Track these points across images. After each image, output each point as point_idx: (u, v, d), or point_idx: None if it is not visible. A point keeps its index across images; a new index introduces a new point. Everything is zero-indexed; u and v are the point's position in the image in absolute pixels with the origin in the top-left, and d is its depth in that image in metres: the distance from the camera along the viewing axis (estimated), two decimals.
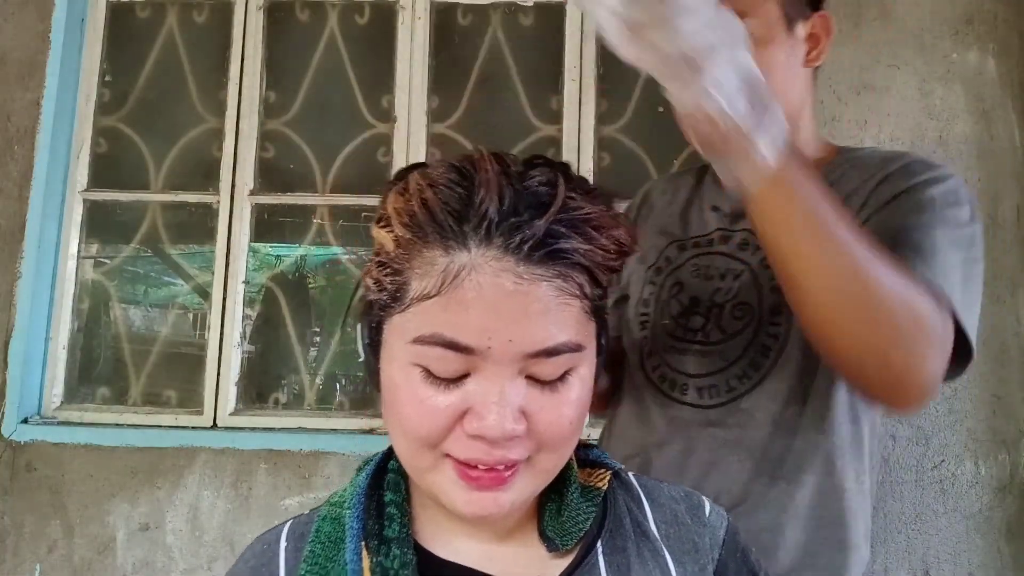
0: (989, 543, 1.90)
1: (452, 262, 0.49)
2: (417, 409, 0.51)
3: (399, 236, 0.51)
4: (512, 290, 0.49)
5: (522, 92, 2.21)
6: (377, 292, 0.53)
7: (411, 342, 0.50)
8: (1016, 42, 2.06)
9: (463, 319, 0.49)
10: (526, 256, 0.49)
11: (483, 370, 0.50)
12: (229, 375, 2.09)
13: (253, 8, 2.23)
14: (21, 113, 2.10)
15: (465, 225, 0.49)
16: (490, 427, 0.49)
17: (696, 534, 0.63)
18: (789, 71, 0.93)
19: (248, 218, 2.17)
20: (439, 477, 0.53)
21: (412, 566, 0.54)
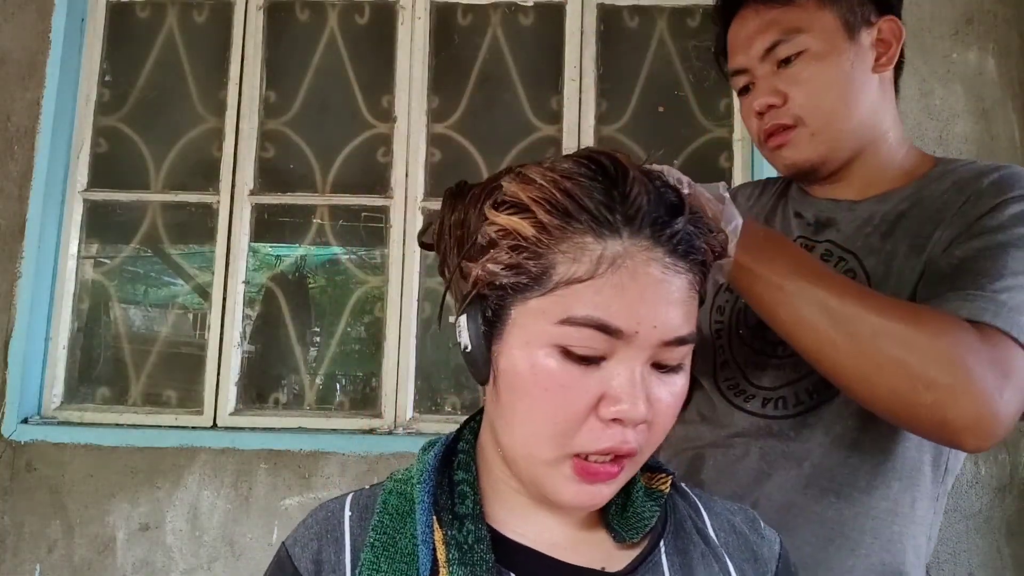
0: (989, 543, 1.90)
1: (606, 248, 0.52)
2: (556, 393, 0.53)
3: (544, 222, 0.53)
4: (660, 279, 0.52)
5: (522, 92, 2.21)
6: (511, 276, 0.54)
7: (558, 323, 0.52)
8: (1016, 42, 2.06)
9: (617, 302, 0.51)
10: (672, 249, 0.53)
11: (620, 354, 0.52)
12: (229, 375, 2.09)
13: (253, 8, 2.23)
14: (21, 113, 2.10)
15: (617, 214, 0.53)
16: (627, 410, 0.51)
17: (755, 544, 0.65)
18: (856, 80, 0.92)
19: (248, 218, 2.17)
20: (553, 472, 0.54)
21: (486, 541, 0.56)
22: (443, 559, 0.55)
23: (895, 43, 0.96)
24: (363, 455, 1.96)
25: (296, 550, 0.59)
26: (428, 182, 2.17)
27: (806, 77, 0.91)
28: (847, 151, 0.94)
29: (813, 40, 0.91)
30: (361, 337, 2.23)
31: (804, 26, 0.91)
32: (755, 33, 0.94)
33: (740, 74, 0.97)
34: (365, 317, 2.21)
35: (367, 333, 2.22)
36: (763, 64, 0.93)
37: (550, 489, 0.55)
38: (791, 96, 0.91)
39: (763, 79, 0.94)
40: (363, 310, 2.20)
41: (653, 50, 2.23)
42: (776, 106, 0.93)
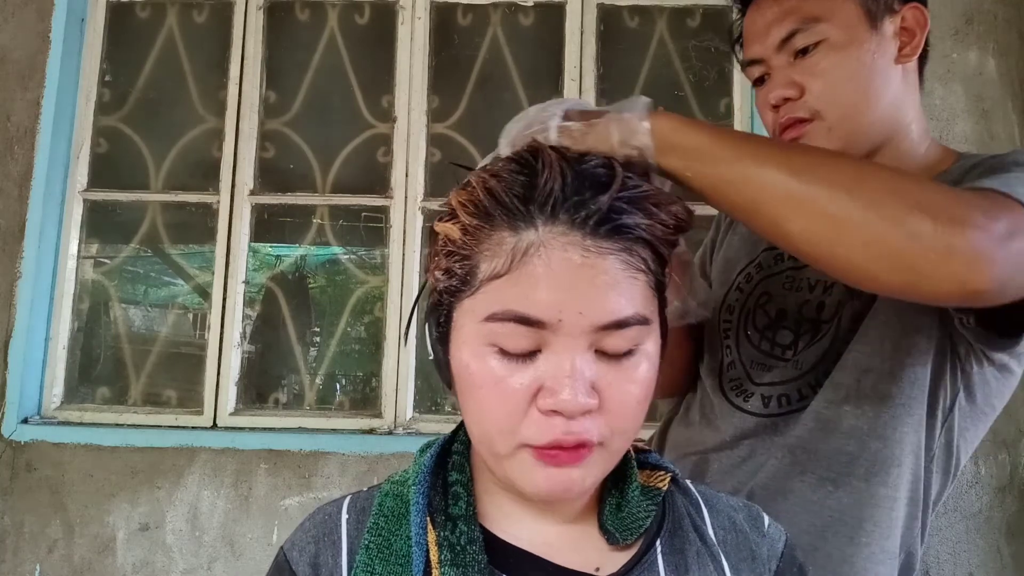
0: (989, 543, 1.90)
1: (520, 240, 0.51)
2: (492, 390, 0.52)
3: (466, 224, 0.54)
4: (580, 263, 0.51)
5: (522, 92, 2.21)
6: (447, 280, 0.55)
7: (483, 320, 0.52)
8: (1016, 42, 2.06)
9: (533, 293, 0.50)
10: (592, 231, 0.51)
11: (554, 345, 0.51)
12: (229, 375, 2.09)
13: (253, 8, 2.23)
14: (21, 113, 2.10)
15: (531, 205, 0.52)
16: (565, 401, 0.50)
17: (754, 543, 0.63)
18: (876, 71, 0.88)
19: (248, 218, 2.17)
20: (515, 463, 0.54)
21: (479, 543, 0.55)
22: (435, 560, 0.55)
23: (920, 32, 0.89)
24: (363, 455, 1.96)
25: (294, 554, 0.59)
26: (428, 182, 2.17)
27: (824, 68, 0.87)
28: (866, 146, 0.89)
29: (833, 29, 0.87)
30: (361, 337, 2.23)
31: (823, 15, 0.87)
32: (772, 22, 0.90)
33: (755, 64, 0.94)
34: (365, 317, 2.21)
35: (367, 333, 2.22)
36: (779, 54, 0.90)
37: (520, 482, 0.54)
38: (808, 88, 0.88)
39: (779, 70, 0.90)
40: (363, 310, 2.20)
41: (653, 50, 2.23)
42: (792, 99, 0.89)
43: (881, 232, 0.60)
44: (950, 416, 0.86)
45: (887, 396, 0.83)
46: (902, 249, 0.60)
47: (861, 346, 0.84)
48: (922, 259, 0.60)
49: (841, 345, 0.87)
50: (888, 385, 0.83)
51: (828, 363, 0.87)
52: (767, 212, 0.64)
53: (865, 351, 0.84)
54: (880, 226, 0.60)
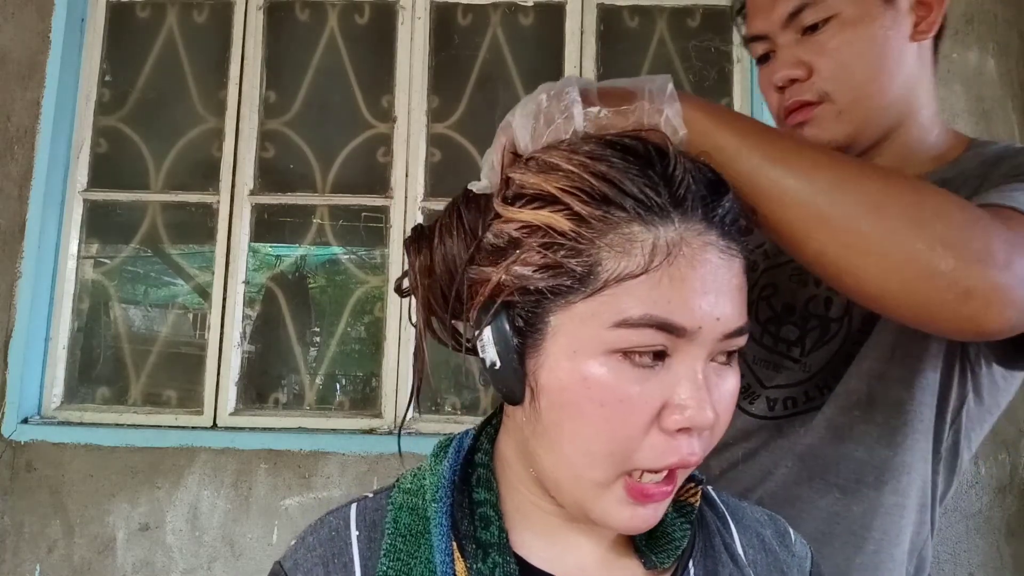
0: (989, 543, 1.90)
1: (658, 237, 0.46)
2: (616, 408, 0.46)
3: (581, 212, 0.46)
4: (718, 264, 0.47)
5: (522, 92, 2.21)
6: (549, 278, 0.47)
7: (612, 326, 0.45)
8: (1016, 42, 2.06)
9: (677, 297, 0.45)
10: (726, 231, 0.47)
11: (681, 355, 0.46)
12: (229, 375, 2.09)
13: (253, 8, 2.23)
14: (21, 113, 2.10)
15: (664, 197, 0.46)
16: (695, 417, 0.46)
17: (784, 563, 0.60)
18: (891, 49, 0.82)
19: (248, 218, 2.17)
20: (605, 494, 0.48)
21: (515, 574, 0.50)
22: None
23: (937, 6, 0.85)
24: (363, 455, 1.96)
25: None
26: (428, 182, 2.17)
27: (835, 46, 0.80)
28: (876, 131, 0.83)
29: (844, 4, 0.80)
30: (361, 337, 2.23)
31: None
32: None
33: (759, 40, 0.87)
34: (365, 317, 2.21)
35: (367, 333, 2.22)
36: (786, 31, 0.83)
37: (599, 514, 0.49)
38: (817, 68, 0.81)
39: (785, 47, 0.84)
40: (363, 310, 2.20)
41: (653, 50, 2.23)
42: (800, 80, 0.82)
43: (899, 264, 0.57)
44: (958, 418, 0.83)
45: (899, 402, 0.80)
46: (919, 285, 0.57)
47: (873, 351, 0.81)
48: (939, 298, 0.57)
49: (852, 347, 0.83)
50: (900, 391, 0.80)
51: (837, 365, 0.83)
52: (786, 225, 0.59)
53: (878, 356, 0.80)
54: (899, 258, 0.56)
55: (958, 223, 0.57)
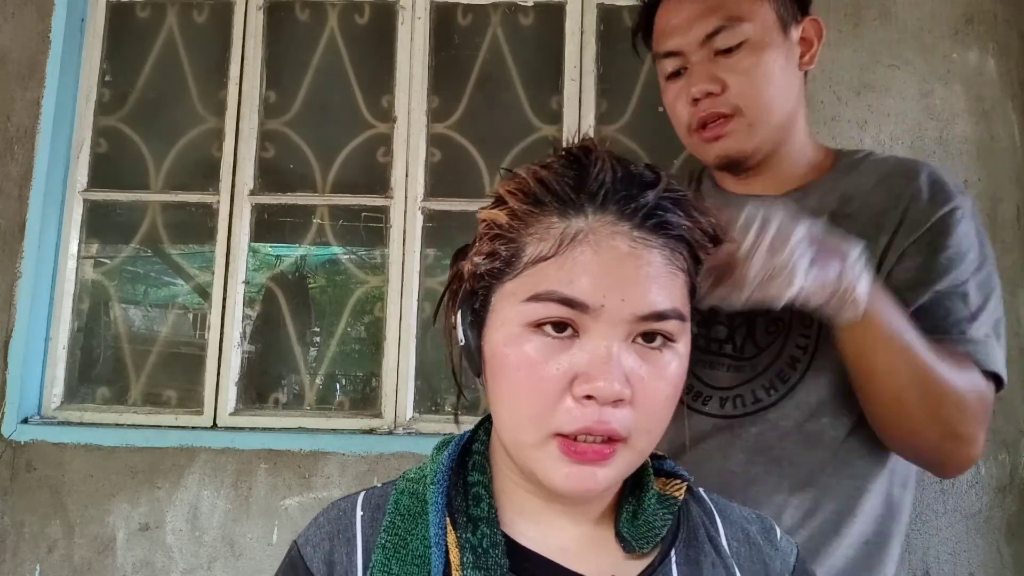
0: (989, 543, 1.90)
1: (569, 226, 0.53)
2: (528, 373, 0.53)
3: (515, 209, 0.55)
4: (627, 252, 0.52)
5: (522, 92, 2.21)
6: (488, 263, 0.56)
7: (524, 301, 0.53)
8: (1016, 42, 2.06)
9: (579, 276, 0.52)
10: (639, 223, 0.53)
11: (592, 332, 0.52)
12: (229, 375, 2.09)
13: (253, 8, 2.23)
14: (21, 113, 2.10)
15: (582, 193, 0.54)
16: (600, 387, 0.51)
17: (768, 556, 0.63)
18: (787, 74, 0.95)
19: (248, 218, 2.17)
20: (541, 454, 0.54)
21: (501, 546, 0.55)
22: (456, 562, 0.54)
23: (817, 42, 0.98)
24: (363, 455, 1.96)
25: (308, 550, 0.59)
26: (428, 182, 2.17)
27: (745, 67, 0.92)
28: (773, 143, 0.96)
29: (754, 31, 0.92)
30: (361, 337, 2.23)
31: (746, 16, 0.93)
32: (696, 17, 0.94)
33: (672, 57, 0.96)
34: (365, 317, 2.21)
35: (367, 333, 2.22)
36: (700, 50, 0.93)
37: (542, 474, 0.54)
38: (730, 85, 0.92)
39: (699, 65, 0.94)
40: (363, 310, 2.20)
41: None
42: (715, 94, 0.93)
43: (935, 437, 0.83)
44: None
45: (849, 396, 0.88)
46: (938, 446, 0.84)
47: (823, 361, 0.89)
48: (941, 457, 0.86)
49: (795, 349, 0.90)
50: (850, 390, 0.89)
51: (782, 365, 0.91)
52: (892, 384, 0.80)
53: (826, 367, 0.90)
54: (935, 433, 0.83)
55: (966, 419, 0.83)
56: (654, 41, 1.00)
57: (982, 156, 2.02)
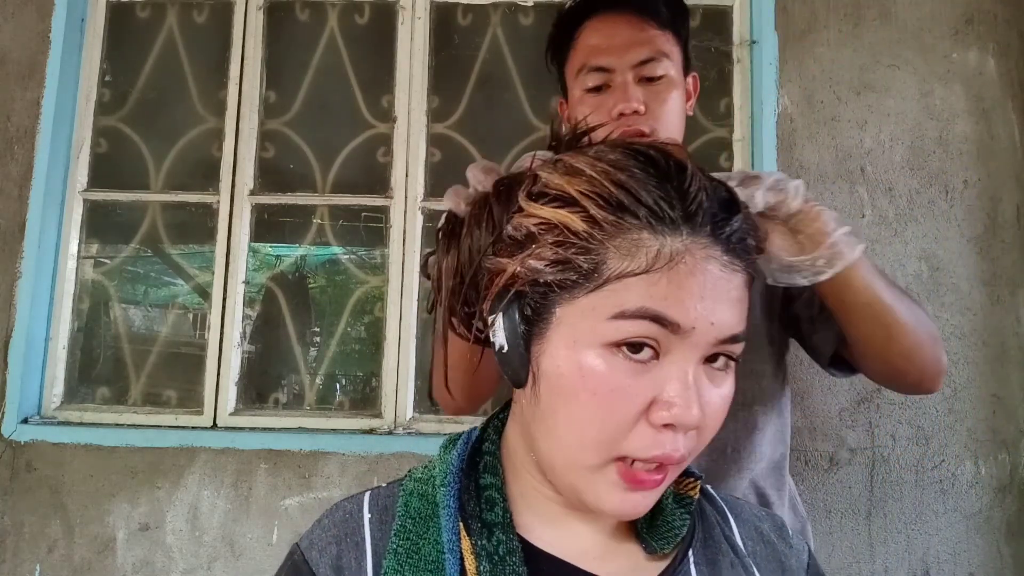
0: (989, 543, 1.90)
1: (664, 245, 0.49)
2: (607, 396, 0.49)
3: (596, 216, 0.50)
4: (719, 275, 0.50)
5: (522, 92, 2.21)
6: (559, 273, 0.51)
7: (610, 318, 0.49)
8: (1016, 42, 2.06)
9: (673, 296, 0.49)
10: (728, 248, 0.51)
11: (673, 355, 0.50)
12: (229, 375, 2.09)
13: (253, 8, 2.23)
14: (21, 113, 2.10)
15: (677, 211, 0.50)
16: (680, 415, 0.49)
17: (783, 554, 0.63)
18: (683, 113, 1.11)
19: (248, 218, 2.17)
20: (597, 477, 0.51)
21: (518, 553, 0.52)
22: (472, 570, 0.52)
23: (694, 95, 1.17)
24: (363, 455, 1.96)
25: (313, 554, 0.55)
26: (428, 182, 2.17)
27: (664, 97, 1.06)
28: None
29: (672, 68, 1.07)
30: (361, 337, 2.23)
31: (669, 54, 1.07)
32: (632, 43, 1.05)
33: (601, 72, 1.07)
34: (365, 317, 2.21)
35: (367, 333, 2.22)
36: (628, 72, 1.05)
37: (592, 497, 0.52)
38: (651, 108, 1.04)
39: (624, 85, 1.05)
40: (363, 310, 2.20)
41: None
42: (639, 113, 1.04)
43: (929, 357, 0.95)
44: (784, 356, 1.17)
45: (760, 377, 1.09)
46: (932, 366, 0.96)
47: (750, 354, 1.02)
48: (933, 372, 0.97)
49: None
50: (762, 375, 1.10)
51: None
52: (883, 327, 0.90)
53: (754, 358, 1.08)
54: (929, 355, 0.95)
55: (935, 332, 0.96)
56: (580, 54, 1.09)
57: (982, 156, 2.02)
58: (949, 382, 1.95)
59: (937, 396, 1.94)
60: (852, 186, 2.02)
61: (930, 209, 2.01)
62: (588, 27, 1.09)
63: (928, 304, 1.98)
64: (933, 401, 1.94)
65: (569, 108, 1.15)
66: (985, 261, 1.98)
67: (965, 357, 1.96)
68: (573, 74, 1.10)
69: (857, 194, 2.02)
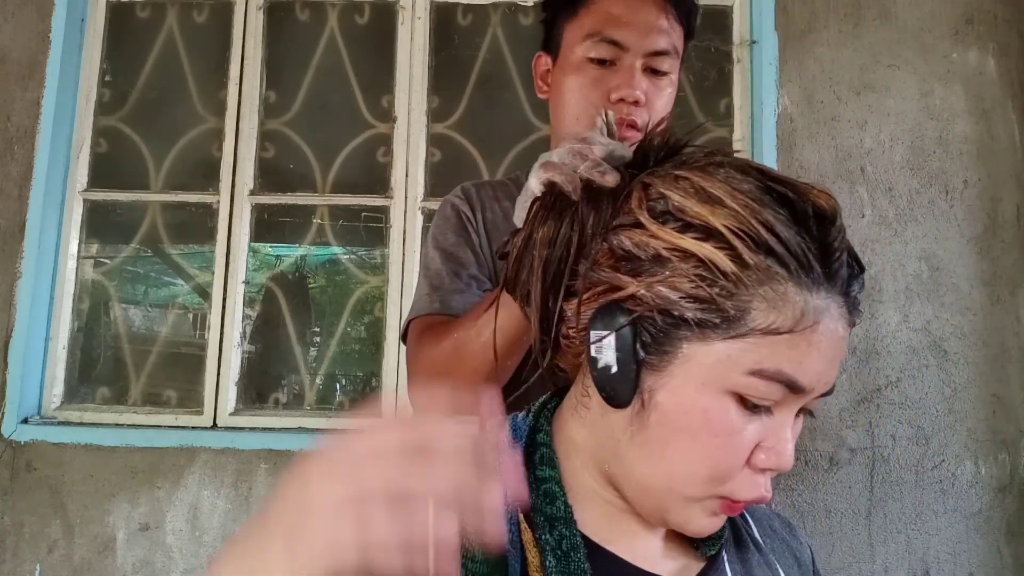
0: (989, 543, 1.90)
1: (807, 302, 0.48)
2: (725, 441, 0.50)
3: (746, 259, 0.47)
4: (842, 336, 0.50)
5: (522, 92, 2.21)
6: (699, 312, 0.49)
7: (747, 373, 0.48)
8: (1016, 42, 2.06)
9: (808, 360, 0.48)
10: (853, 308, 0.51)
11: (786, 408, 0.51)
12: (229, 375, 2.09)
13: (253, 8, 2.23)
14: (21, 113, 2.10)
15: (819, 267, 0.48)
16: (781, 462, 0.50)
17: (796, 549, 0.65)
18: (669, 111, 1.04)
19: (248, 218, 2.17)
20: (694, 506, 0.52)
21: (582, 549, 0.52)
22: (536, 563, 0.51)
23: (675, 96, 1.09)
24: None
25: None
26: (428, 182, 2.17)
27: (663, 95, 1.00)
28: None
29: (676, 67, 1.01)
30: (361, 337, 2.23)
31: (678, 51, 1.01)
32: (652, 29, 0.98)
33: (614, 46, 0.99)
34: (365, 317, 2.21)
35: (367, 333, 2.22)
36: (640, 58, 0.98)
37: (680, 519, 0.53)
38: (651, 102, 0.98)
39: (632, 70, 0.98)
40: (363, 310, 2.20)
41: None
42: (639, 103, 0.98)
43: None
44: None
45: None
46: None
47: None
48: None
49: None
50: None
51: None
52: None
53: None
54: None
55: None
56: (596, 18, 1.00)
57: (982, 156, 2.02)
58: (949, 382, 1.95)
59: (937, 396, 1.94)
60: (852, 186, 2.02)
61: (930, 209, 2.01)
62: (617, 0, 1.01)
63: (928, 304, 1.98)
64: (933, 401, 1.94)
65: (560, 69, 1.06)
66: (985, 261, 1.99)
67: (965, 357, 1.96)
68: (578, 34, 1.02)
69: (857, 194, 2.02)
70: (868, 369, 1.96)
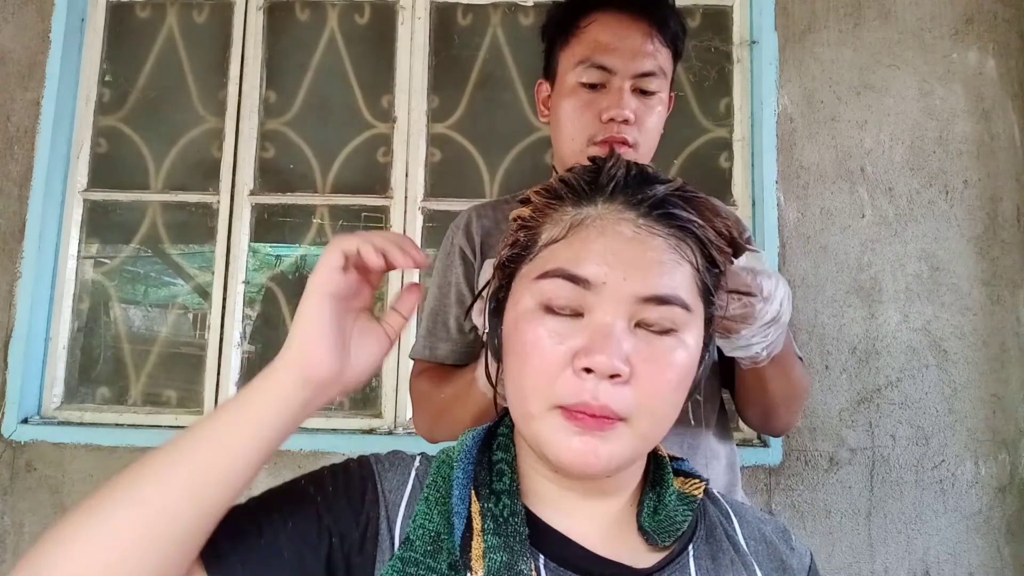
0: (989, 543, 1.90)
1: (579, 213, 0.58)
2: (535, 348, 0.56)
3: (536, 204, 0.61)
4: (630, 237, 0.56)
5: (522, 92, 2.21)
6: (510, 251, 0.62)
7: (535, 279, 0.57)
8: (1016, 42, 2.06)
9: (583, 255, 0.56)
10: (645, 212, 0.57)
11: (596, 310, 0.55)
12: (229, 375, 2.09)
13: (253, 8, 2.23)
14: (21, 113, 2.10)
15: (594, 186, 0.59)
16: (598, 361, 0.53)
17: (784, 554, 0.66)
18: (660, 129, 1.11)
19: (248, 218, 2.17)
20: (545, 425, 0.55)
21: (521, 516, 0.57)
22: (478, 528, 0.56)
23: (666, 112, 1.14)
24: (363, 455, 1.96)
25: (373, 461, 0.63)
26: (428, 182, 2.17)
27: (652, 114, 1.06)
28: None
29: (664, 87, 1.07)
30: None
31: (666, 72, 1.07)
32: (638, 52, 1.04)
33: (603, 71, 1.05)
34: None
35: None
36: (628, 80, 1.04)
37: (547, 446, 0.55)
38: (640, 120, 1.05)
39: (621, 91, 1.04)
40: None
41: None
42: (629, 122, 1.04)
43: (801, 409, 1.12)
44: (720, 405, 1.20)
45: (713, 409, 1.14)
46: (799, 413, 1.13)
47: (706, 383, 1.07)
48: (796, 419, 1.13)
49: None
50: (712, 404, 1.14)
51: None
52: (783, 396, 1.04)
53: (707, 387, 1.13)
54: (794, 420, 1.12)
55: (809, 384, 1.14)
56: (585, 46, 1.07)
57: (982, 156, 2.02)
58: (949, 382, 1.96)
59: (937, 396, 1.95)
60: (852, 186, 2.02)
61: (930, 209, 2.01)
62: (599, 20, 1.07)
63: (928, 304, 1.98)
64: (933, 401, 1.95)
65: (556, 94, 1.13)
66: (985, 261, 1.99)
67: (965, 357, 1.96)
68: (571, 61, 1.09)
69: (857, 194, 2.02)
70: (868, 369, 1.96)
